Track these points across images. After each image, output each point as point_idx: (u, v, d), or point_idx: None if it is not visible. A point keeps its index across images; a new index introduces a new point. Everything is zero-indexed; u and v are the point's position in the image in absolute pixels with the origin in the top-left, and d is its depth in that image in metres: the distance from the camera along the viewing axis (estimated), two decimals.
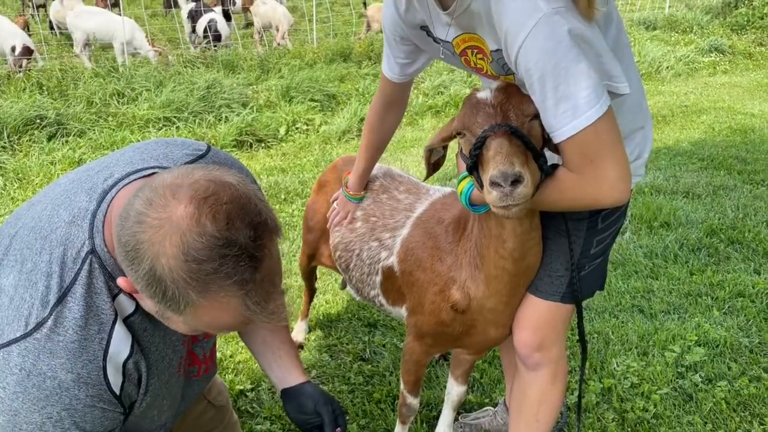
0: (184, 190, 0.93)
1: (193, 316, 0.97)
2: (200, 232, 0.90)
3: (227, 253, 0.91)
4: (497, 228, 1.41)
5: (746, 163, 4.73)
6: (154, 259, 0.91)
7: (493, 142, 1.20)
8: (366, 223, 1.88)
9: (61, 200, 1.11)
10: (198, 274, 0.90)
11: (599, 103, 1.14)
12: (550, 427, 1.68)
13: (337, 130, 5.70)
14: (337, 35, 9.46)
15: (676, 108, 6.58)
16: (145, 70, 6.38)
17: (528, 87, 1.20)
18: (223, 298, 0.93)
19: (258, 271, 0.94)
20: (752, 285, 2.92)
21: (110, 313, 1.05)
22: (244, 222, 0.93)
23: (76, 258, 1.03)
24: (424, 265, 1.64)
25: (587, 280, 1.55)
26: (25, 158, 4.74)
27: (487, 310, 1.54)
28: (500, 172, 1.14)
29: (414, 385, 1.84)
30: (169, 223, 0.91)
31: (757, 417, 2.13)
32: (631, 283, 2.98)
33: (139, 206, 0.94)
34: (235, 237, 0.92)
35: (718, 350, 2.47)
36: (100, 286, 1.04)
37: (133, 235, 0.92)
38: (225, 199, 0.93)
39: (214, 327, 1.01)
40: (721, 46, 9.45)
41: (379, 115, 1.82)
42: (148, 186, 0.96)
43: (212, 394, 1.67)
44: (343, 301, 2.87)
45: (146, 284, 0.94)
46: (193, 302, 0.93)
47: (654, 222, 3.64)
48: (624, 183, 1.19)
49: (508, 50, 1.19)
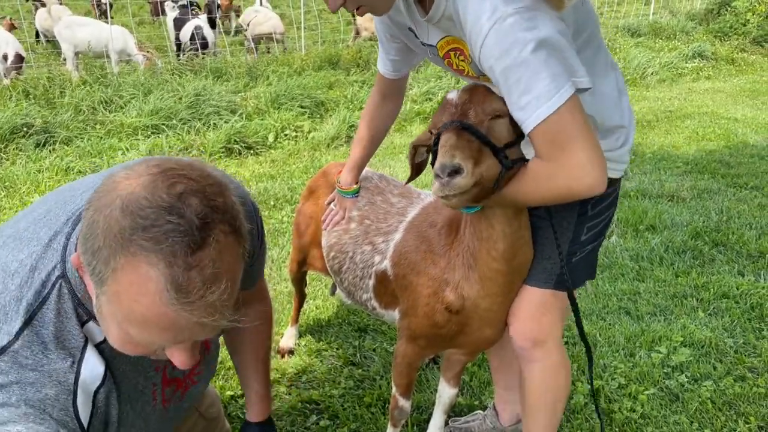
0: (155, 162, 0.91)
1: (113, 292, 0.89)
2: (151, 192, 0.86)
3: (167, 220, 0.85)
4: (488, 230, 1.44)
5: (730, 166, 4.81)
6: (99, 210, 0.88)
7: (442, 137, 1.26)
8: (360, 225, 1.90)
9: (42, 220, 1.10)
10: (130, 229, 0.85)
11: (561, 90, 1.17)
12: (558, 413, 1.71)
13: (326, 136, 5.72)
14: (325, 42, 9.49)
15: (660, 113, 6.67)
16: (133, 77, 6.36)
17: (495, 84, 1.24)
18: (145, 264, 0.85)
19: (194, 255, 0.86)
20: (736, 286, 2.97)
21: (80, 339, 1.03)
22: (199, 200, 0.88)
23: (46, 281, 1.02)
24: (418, 268, 1.66)
25: (578, 267, 1.57)
26: (12, 166, 4.72)
27: (482, 310, 1.56)
28: (440, 164, 1.20)
29: (406, 387, 1.85)
30: (126, 181, 0.89)
31: (742, 416, 2.16)
32: (617, 286, 3.02)
33: (111, 171, 0.93)
34: (181, 208, 0.86)
35: (704, 351, 2.51)
36: (68, 312, 1.02)
37: (95, 192, 0.91)
38: (191, 176, 0.90)
39: (133, 319, 0.90)
40: (704, 53, 9.58)
41: (376, 104, 1.86)
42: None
43: (204, 406, 1.67)
44: (333, 306, 2.88)
45: (83, 243, 0.89)
46: (116, 265, 0.86)
47: (640, 225, 3.69)
48: (596, 168, 1.20)
49: (472, 50, 1.24)
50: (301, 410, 2.22)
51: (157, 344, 0.94)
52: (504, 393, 2.05)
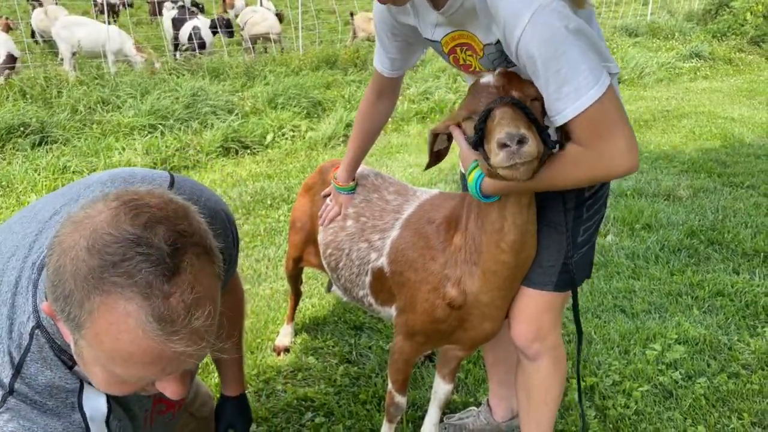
0: (113, 197, 0.89)
1: (92, 335, 0.85)
2: (115, 227, 0.84)
3: (136, 252, 0.82)
4: (499, 221, 1.45)
5: (726, 166, 4.82)
6: (63, 254, 0.85)
7: (497, 111, 1.26)
8: (357, 222, 1.90)
9: (11, 260, 1.06)
10: (99, 268, 0.82)
11: (600, 81, 1.21)
12: (557, 408, 1.75)
13: (323, 136, 5.73)
14: (323, 42, 9.50)
15: (657, 113, 6.68)
16: (130, 77, 6.37)
17: (531, 74, 1.27)
18: (122, 300, 0.82)
19: (170, 282, 0.83)
20: (731, 284, 2.98)
21: (74, 382, 1.02)
22: (166, 227, 0.85)
23: (23, 334, 1.00)
24: (416, 265, 1.66)
25: (576, 268, 1.59)
26: (8, 166, 4.71)
27: (483, 305, 1.57)
28: (506, 132, 1.20)
29: (402, 383, 1.86)
30: (89, 220, 0.86)
31: (735, 412, 2.17)
32: (613, 284, 3.03)
33: (71, 210, 0.91)
34: (149, 238, 0.83)
35: (698, 348, 2.52)
36: (53, 360, 1.01)
37: (57, 234, 0.88)
38: (152, 204, 0.88)
39: (117, 358, 0.86)
40: (702, 53, 9.61)
41: (371, 102, 1.87)
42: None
43: (195, 406, 1.67)
44: (329, 304, 2.88)
45: (53, 290, 0.86)
46: (91, 307, 0.83)
47: (636, 224, 3.70)
48: (633, 152, 1.26)
49: (507, 41, 1.26)
50: (296, 407, 2.22)
51: (145, 380, 0.91)
52: (498, 388, 2.06)
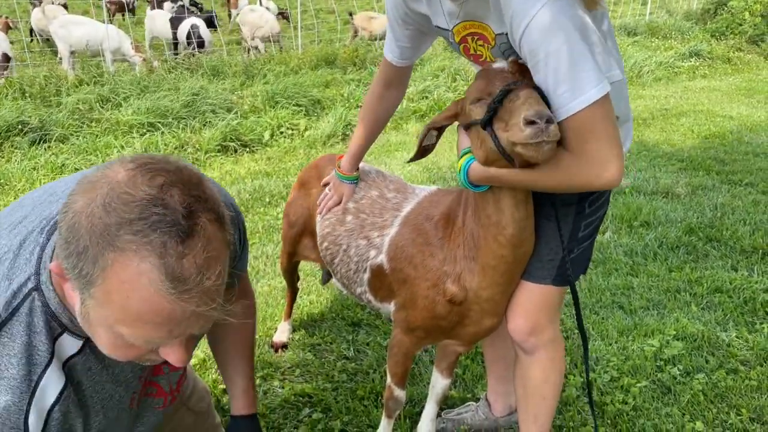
0: (129, 159, 0.91)
1: (103, 293, 0.86)
2: (131, 186, 0.85)
3: (152, 212, 0.84)
4: (496, 215, 1.44)
5: (724, 164, 4.82)
6: (77, 214, 0.86)
7: (522, 92, 1.24)
8: (356, 218, 1.90)
9: (18, 227, 1.07)
10: (116, 225, 0.83)
11: (597, 86, 1.19)
12: (556, 402, 1.73)
13: (322, 134, 5.73)
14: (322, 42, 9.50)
15: (656, 111, 6.68)
16: (129, 76, 6.37)
17: (531, 68, 1.26)
18: (136, 258, 0.83)
19: (184, 244, 0.85)
20: (729, 281, 2.97)
21: (46, 355, 1.01)
22: (181, 191, 0.87)
23: (18, 293, 0.99)
24: (415, 261, 1.66)
25: (575, 263, 1.59)
26: (7, 164, 4.72)
27: (483, 300, 1.56)
28: (536, 110, 1.19)
29: (401, 377, 1.85)
30: (105, 179, 0.87)
31: (734, 408, 2.17)
32: (611, 281, 3.02)
33: (84, 174, 0.92)
34: (165, 199, 0.85)
35: (696, 344, 2.51)
36: (39, 326, 1.00)
37: (69, 194, 0.89)
38: (168, 168, 0.90)
39: (127, 317, 0.88)
40: (700, 52, 9.61)
41: (378, 93, 1.85)
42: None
43: (192, 400, 1.66)
44: (327, 301, 2.88)
45: (65, 247, 0.87)
46: (105, 263, 0.84)
47: (634, 221, 3.70)
48: (617, 165, 1.24)
49: (513, 32, 1.25)
50: (294, 403, 2.22)
51: (152, 342, 0.92)
52: (497, 384, 2.06)
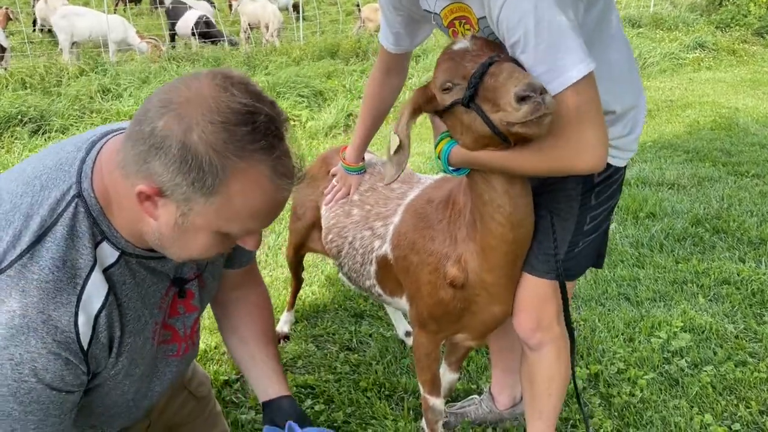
0: (210, 75, 0.97)
1: (223, 197, 0.94)
2: (231, 97, 0.93)
3: (256, 119, 0.93)
4: (489, 192, 1.37)
5: (731, 155, 4.77)
6: (186, 132, 0.91)
7: (504, 65, 1.17)
8: (361, 210, 1.86)
9: (46, 154, 1.11)
10: (234, 135, 0.92)
11: (579, 65, 1.14)
12: (562, 398, 1.70)
13: (324, 125, 5.69)
14: (324, 33, 9.44)
15: (661, 103, 6.63)
16: (131, 66, 6.33)
17: (509, 48, 1.21)
18: (256, 164, 0.94)
19: (281, 144, 0.97)
20: (737, 272, 2.94)
21: (89, 260, 1.03)
22: (263, 100, 0.97)
23: (61, 200, 1.02)
24: (417, 246, 1.61)
25: (581, 256, 1.54)
26: (6, 154, 4.69)
27: (488, 285, 1.50)
28: (527, 83, 1.10)
29: (432, 383, 1.78)
30: (197, 96, 0.93)
31: (743, 400, 2.13)
32: (617, 272, 2.99)
33: (158, 98, 0.95)
34: (262, 107, 0.95)
35: (704, 336, 2.48)
36: (83, 231, 1.03)
37: (160, 117, 0.92)
38: (241, 77, 0.98)
39: (244, 215, 0.98)
40: (705, 43, 9.54)
41: (379, 80, 1.82)
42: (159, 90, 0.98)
43: (193, 384, 1.64)
44: (329, 292, 2.85)
45: (179, 166, 0.92)
46: (227, 173, 0.92)
47: (640, 213, 3.66)
48: (600, 149, 1.18)
49: (490, 11, 1.20)
50: (296, 394, 2.19)
51: (249, 231, 1.04)
52: (502, 376, 2.02)
